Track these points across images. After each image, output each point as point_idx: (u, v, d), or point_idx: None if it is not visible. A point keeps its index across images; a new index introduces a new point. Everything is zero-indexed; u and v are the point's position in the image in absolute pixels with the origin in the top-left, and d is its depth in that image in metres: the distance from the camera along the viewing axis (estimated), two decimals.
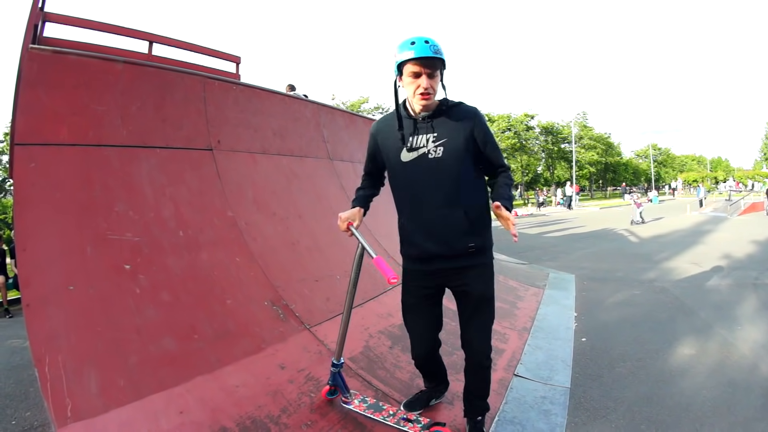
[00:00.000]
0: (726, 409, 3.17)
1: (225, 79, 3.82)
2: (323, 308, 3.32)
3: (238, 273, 3.03)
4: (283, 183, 4.03)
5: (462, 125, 2.07)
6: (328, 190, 4.57)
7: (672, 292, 6.35)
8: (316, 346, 2.92)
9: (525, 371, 3.33)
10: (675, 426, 2.96)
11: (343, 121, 5.55)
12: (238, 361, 2.46)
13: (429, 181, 2.08)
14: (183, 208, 2.94)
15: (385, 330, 3.41)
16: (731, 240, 11.58)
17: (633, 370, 3.75)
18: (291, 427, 2.16)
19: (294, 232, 3.75)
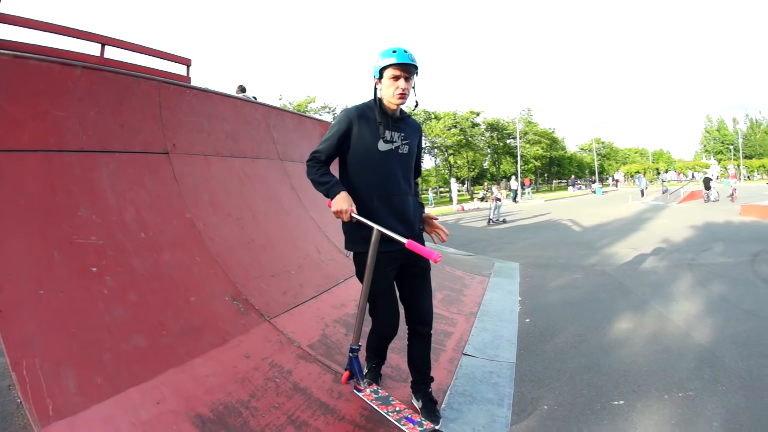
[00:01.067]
0: (661, 372, 3.35)
1: (179, 83, 3.81)
2: (281, 301, 3.42)
3: (199, 271, 3.08)
4: (237, 184, 4.07)
5: (415, 133, 2.46)
6: (279, 190, 4.65)
7: (611, 275, 6.47)
8: (276, 336, 3.03)
9: (473, 350, 3.56)
10: (614, 389, 3.12)
11: (293, 123, 5.62)
12: (206, 353, 2.54)
13: (398, 172, 2.37)
14: (143, 211, 2.95)
15: (339, 319, 3.56)
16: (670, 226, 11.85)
17: (574, 345, 3.90)
18: (260, 410, 2.28)
19: (249, 232, 3.82)
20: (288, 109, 6.01)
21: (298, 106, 32.89)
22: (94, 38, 3.84)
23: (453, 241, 10.48)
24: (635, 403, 2.95)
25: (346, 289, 4.10)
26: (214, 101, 4.18)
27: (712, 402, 2.92)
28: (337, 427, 2.28)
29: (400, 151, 2.38)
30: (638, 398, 3.01)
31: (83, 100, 2.78)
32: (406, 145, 2.39)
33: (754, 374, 3.21)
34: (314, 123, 6.42)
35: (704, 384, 3.15)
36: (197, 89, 4.02)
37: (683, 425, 2.69)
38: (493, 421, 2.60)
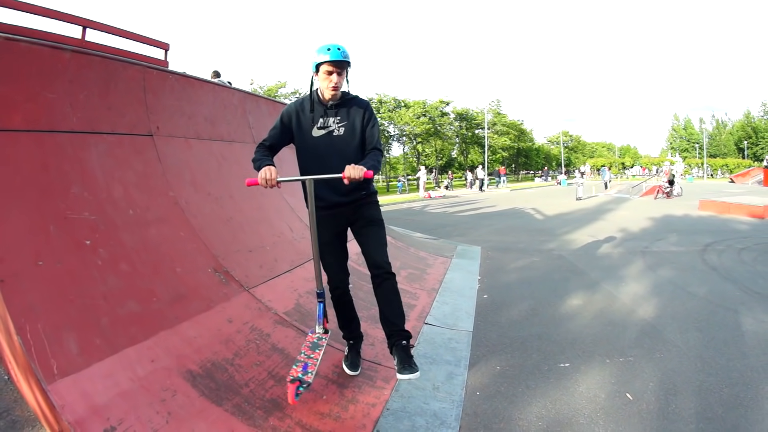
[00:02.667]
0: (605, 341, 3.52)
1: (162, 68, 3.80)
2: (258, 273, 3.55)
3: (184, 245, 3.17)
4: (215, 166, 4.13)
5: (358, 112, 2.55)
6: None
7: (568, 259, 6.57)
8: (255, 304, 3.17)
9: (434, 320, 3.79)
10: (561, 353, 3.28)
11: (267, 108, 5.63)
12: (193, 317, 2.66)
13: (333, 151, 2.49)
14: (131, 189, 3.00)
15: (311, 290, 3.70)
16: (629, 217, 11.81)
17: (527, 317, 4.06)
18: (244, 367, 2.45)
19: (227, 210, 3.90)
20: (262, 95, 6.00)
21: (269, 90, 31.79)
22: (75, 21, 3.75)
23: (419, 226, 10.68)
24: (580, 365, 3.11)
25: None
26: (195, 86, 4.19)
27: (650, 366, 3.08)
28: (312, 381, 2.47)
29: (335, 133, 2.50)
30: (583, 362, 3.17)
31: (73, 83, 2.78)
32: (342, 127, 2.51)
33: (690, 344, 3.41)
34: None
35: (643, 351, 3.32)
36: (179, 74, 4.02)
37: (622, 384, 2.84)
38: (451, 378, 2.83)
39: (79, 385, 1.84)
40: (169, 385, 2.07)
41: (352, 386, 2.53)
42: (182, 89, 3.95)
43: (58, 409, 1.70)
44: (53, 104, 2.64)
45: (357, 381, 2.60)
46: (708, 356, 3.21)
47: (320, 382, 2.50)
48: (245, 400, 2.16)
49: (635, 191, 22.42)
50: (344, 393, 2.46)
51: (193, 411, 1.97)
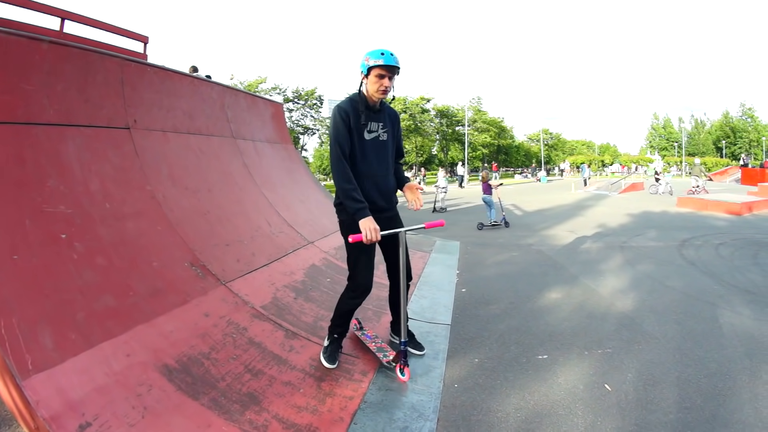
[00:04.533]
0: (584, 333, 3.46)
1: (141, 61, 3.69)
2: (235, 268, 3.52)
3: (160, 239, 3.11)
4: (193, 160, 4.05)
5: (394, 121, 2.69)
6: (232, 166, 4.65)
7: (547, 254, 6.41)
8: (232, 298, 3.15)
9: (412, 314, 3.76)
10: (539, 346, 3.23)
11: (246, 103, 5.55)
12: (170, 311, 2.62)
13: (379, 156, 2.59)
14: (107, 182, 2.92)
15: (289, 285, 3.72)
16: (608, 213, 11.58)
17: (506, 310, 3.97)
18: (220, 361, 2.43)
19: (204, 204, 3.84)
20: (241, 89, 5.90)
21: (249, 86, 31.22)
22: (54, 12, 3.60)
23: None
24: (558, 357, 3.07)
25: (295, 259, 4.25)
26: (173, 79, 4.09)
27: (628, 358, 3.05)
28: (289, 375, 2.49)
29: (380, 138, 2.59)
30: (561, 354, 3.13)
31: (51, 75, 2.68)
32: (385, 133, 2.61)
33: (668, 336, 3.38)
34: (266, 103, 6.36)
35: (622, 343, 3.27)
36: (157, 67, 3.91)
37: (601, 376, 2.80)
38: (429, 371, 2.83)
39: (54, 381, 1.80)
40: (145, 380, 2.05)
41: (329, 379, 2.55)
42: (161, 82, 3.85)
43: (33, 405, 1.67)
44: (30, 96, 2.54)
45: (334, 374, 2.61)
46: (686, 348, 3.19)
47: (297, 375, 2.51)
48: (222, 394, 2.15)
49: (614, 188, 22.15)
50: (321, 386, 2.47)
51: (169, 405, 1.95)
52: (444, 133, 44.64)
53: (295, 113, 35.53)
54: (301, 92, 35.08)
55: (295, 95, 34.80)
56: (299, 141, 35.82)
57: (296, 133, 35.04)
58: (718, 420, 2.31)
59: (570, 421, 2.34)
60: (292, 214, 5.10)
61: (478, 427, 2.30)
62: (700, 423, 2.28)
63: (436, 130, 43.86)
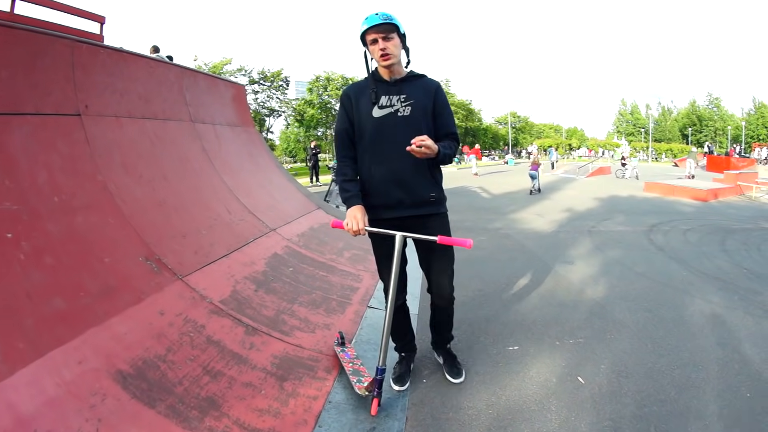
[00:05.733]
0: (555, 322, 3.40)
1: (93, 42, 3.46)
2: (192, 260, 3.45)
3: (113, 233, 3.00)
4: (148, 146, 3.88)
5: (427, 91, 2.25)
6: (190, 152, 4.49)
7: (515, 238, 6.38)
8: (189, 293, 3.09)
9: (377, 303, 3.75)
10: (510, 336, 3.17)
11: (206, 84, 5.32)
12: (123, 311, 2.56)
13: (397, 135, 2.15)
14: (56, 174, 2.77)
15: (249, 276, 3.68)
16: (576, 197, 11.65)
17: (474, 298, 3.91)
18: (177, 363, 2.41)
19: (160, 193, 3.71)
20: (202, 71, 5.66)
21: (214, 67, 30.30)
22: None
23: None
24: (529, 348, 3.02)
25: (256, 248, 4.20)
26: (128, 61, 3.86)
27: (601, 348, 3.02)
28: (250, 375, 2.50)
29: (400, 113, 2.19)
30: (532, 344, 3.07)
31: None
32: (407, 107, 2.19)
33: (640, 325, 3.37)
34: (227, 85, 6.12)
35: (594, 333, 3.24)
36: (111, 49, 3.68)
37: (573, 367, 2.76)
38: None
39: (3, 396, 1.74)
40: (99, 389, 2.01)
41: (292, 378, 2.56)
42: (114, 64, 3.64)
43: None
44: None
45: (297, 372, 2.62)
46: (658, 337, 3.19)
47: (258, 375, 2.52)
48: (179, 399, 2.15)
49: (581, 172, 22.48)
50: (284, 386, 2.48)
51: (124, 416, 1.93)
52: None
53: (261, 95, 34.90)
54: (267, 74, 34.32)
55: (261, 77, 34.04)
56: (265, 123, 35.28)
57: (262, 116, 34.49)
58: (692, 412, 2.30)
59: (543, 417, 2.29)
60: (254, 201, 5.01)
61: (449, 425, 2.26)
62: (675, 416, 2.27)
63: None
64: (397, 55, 2.14)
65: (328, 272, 4.31)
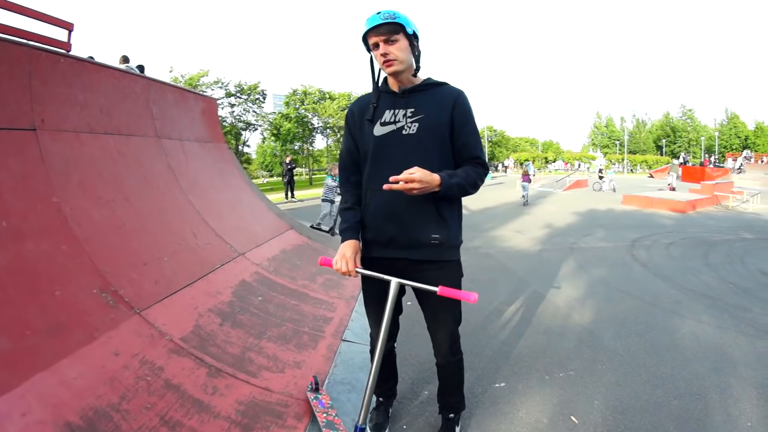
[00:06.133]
0: (542, 353, 3.31)
1: (53, 50, 3.31)
2: (152, 291, 3.29)
3: (66, 262, 2.83)
4: (109, 164, 3.71)
5: (442, 103, 1.88)
6: (154, 169, 4.32)
7: (496, 257, 6.34)
8: (147, 329, 2.93)
9: (352, 336, 3.63)
10: (495, 372, 3.05)
11: (174, 98, 5.18)
12: (74, 352, 2.39)
13: (399, 158, 1.84)
14: (6, 195, 2.59)
15: (214, 308, 3.53)
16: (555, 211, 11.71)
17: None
18: (132, 412, 2.26)
19: (120, 215, 3.54)
20: (170, 83, 5.51)
21: (191, 79, 30.72)
22: None
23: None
24: (517, 384, 2.90)
25: (223, 276, 4.05)
26: (90, 71, 3.71)
27: (593, 381, 2.93)
28: (212, 425, 2.36)
29: (405, 131, 1.86)
30: (520, 380, 2.95)
31: None
32: (414, 123, 1.85)
33: (632, 352, 3.31)
34: (197, 98, 5.97)
35: (584, 363, 3.15)
36: (73, 58, 3.53)
37: (565, 405, 2.65)
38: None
39: None
40: None
41: (259, 428, 2.43)
42: (76, 75, 3.49)
43: None
44: None
45: (265, 421, 2.50)
46: (651, 365, 3.15)
47: (222, 426, 2.39)
48: None
49: (559, 185, 23.08)
50: None
51: None
52: None
53: (237, 108, 35.40)
54: (243, 86, 34.81)
55: (237, 89, 34.53)
56: (241, 136, 35.84)
57: (238, 129, 34.97)
58: None
59: None
60: (222, 222, 4.86)
61: None
62: None
63: None
64: (403, 60, 1.81)
65: (299, 300, 4.19)
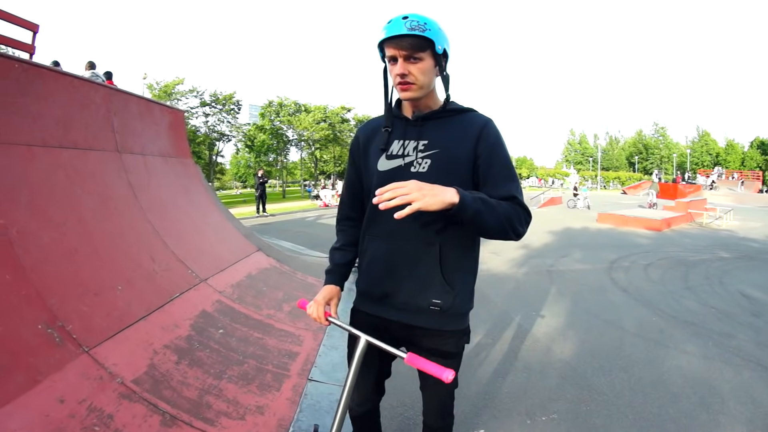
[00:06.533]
0: (524, 393, 3.21)
1: (7, 54, 3.13)
2: (103, 325, 3.10)
3: (8, 293, 2.63)
4: (63, 181, 3.52)
5: (463, 136, 1.53)
6: (113, 188, 4.13)
7: None
8: (96, 371, 2.75)
9: (319, 374, 3.49)
10: (474, 416, 2.95)
11: (138, 109, 4.99)
12: (15, 399, 2.21)
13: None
14: None
15: (170, 344, 3.36)
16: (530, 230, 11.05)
17: None
18: None
19: (72, 240, 3.35)
20: (134, 93, 5.32)
21: (166, 86, 31.35)
22: None
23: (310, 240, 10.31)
24: (497, 430, 2.81)
25: (182, 306, 3.87)
26: (46, 79, 3.52)
27: (577, 426, 2.84)
28: None
29: (414, 168, 1.53)
30: (500, 425, 2.85)
31: None
32: (426, 159, 1.52)
33: (617, 390, 3.26)
34: (164, 110, 5.77)
35: (568, 404, 3.08)
36: (28, 63, 3.35)
37: None
38: None
39: None
40: None
41: None
42: (30, 83, 3.30)
43: None
44: None
45: None
46: (638, 404, 3.11)
47: None
48: None
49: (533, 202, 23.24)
50: None
51: None
52: None
53: (212, 118, 35.97)
54: (219, 96, 35.41)
55: (212, 99, 35.08)
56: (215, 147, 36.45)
57: (212, 139, 35.54)
58: None
59: None
60: (184, 245, 4.67)
61: None
62: None
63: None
64: (424, 84, 1.49)
65: (264, 333, 4.04)
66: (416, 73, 1.46)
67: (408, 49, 1.43)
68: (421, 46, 1.43)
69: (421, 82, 1.48)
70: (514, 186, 1.50)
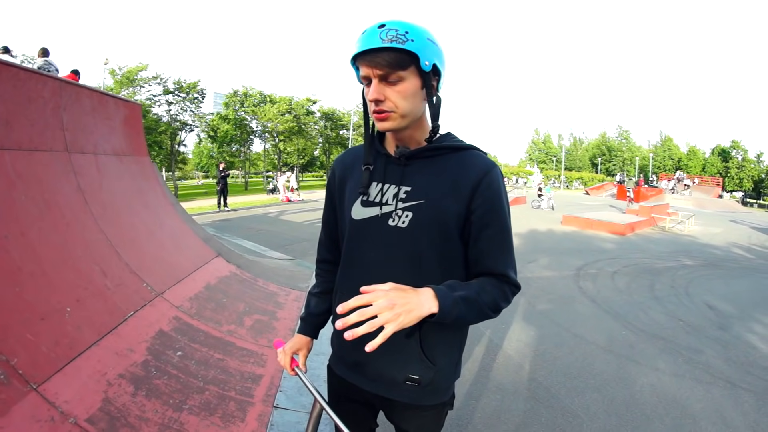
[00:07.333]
0: (497, 417, 3.25)
1: None
2: (51, 356, 2.97)
3: None
4: (4, 189, 3.32)
5: (457, 184, 1.29)
6: (60, 193, 3.92)
7: None
8: (46, 411, 2.64)
9: (285, 400, 3.43)
10: None
11: (91, 104, 4.74)
12: None
13: (376, 259, 1.35)
14: None
15: (126, 372, 3.25)
16: None
17: None
18: None
19: (15, 256, 3.18)
20: (87, 86, 5.06)
21: (129, 72, 31.30)
22: None
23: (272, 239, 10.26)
24: None
25: (136, 326, 3.75)
26: None
27: None
28: None
29: (392, 221, 1.32)
30: None
31: None
32: (407, 212, 1.30)
33: (591, 412, 3.35)
34: (119, 104, 5.50)
35: (543, 429, 3.15)
36: None
37: None
38: None
39: None
40: None
41: None
42: None
43: None
44: None
45: None
46: (612, 427, 3.19)
47: None
48: None
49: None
50: None
51: None
52: (327, 136, 48.33)
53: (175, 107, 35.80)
54: (183, 84, 35.26)
55: (176, 87, 34.93)
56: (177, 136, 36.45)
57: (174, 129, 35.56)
58: None
59: None
60: (138, 254, 4.51)
61: None
62: None
63: (320, 132, 47.53)
64: (407, 111, 1.24)
65: (224, 353, 3.97)
66: (394, 98, 1.21)
67: (383, 67, 1.18)
68: (400, 62, 1.18)
69: (402, 109, 1.23)
70: (508, 260, 1.35)
